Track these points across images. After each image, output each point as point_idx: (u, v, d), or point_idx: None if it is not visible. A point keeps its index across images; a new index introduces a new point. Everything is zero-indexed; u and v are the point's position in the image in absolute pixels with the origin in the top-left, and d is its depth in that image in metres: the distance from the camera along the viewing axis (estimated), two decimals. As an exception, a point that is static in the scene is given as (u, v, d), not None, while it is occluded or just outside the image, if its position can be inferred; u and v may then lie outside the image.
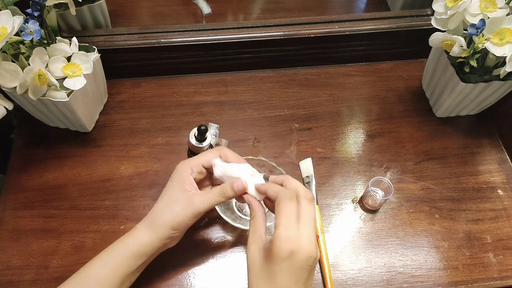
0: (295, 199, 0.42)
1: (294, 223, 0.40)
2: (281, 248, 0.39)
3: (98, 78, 0.66)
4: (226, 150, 0.50)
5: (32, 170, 0.65)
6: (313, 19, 0.74)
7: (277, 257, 0.39)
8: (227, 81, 0.77)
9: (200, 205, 0.47)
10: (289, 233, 0.39)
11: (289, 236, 0.39)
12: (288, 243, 0.39)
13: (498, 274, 0.58)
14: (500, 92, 0.65)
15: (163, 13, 0.85)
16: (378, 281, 0.57)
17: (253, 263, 0.41)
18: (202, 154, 0.50)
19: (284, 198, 0.42)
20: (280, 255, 0.39)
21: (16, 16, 0.50)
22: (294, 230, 0.40)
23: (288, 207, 0.41)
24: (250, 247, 0.43)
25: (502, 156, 0.69)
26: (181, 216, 0.47)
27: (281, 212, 0.41)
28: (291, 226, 0.40)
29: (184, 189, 0.48)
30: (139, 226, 0.49)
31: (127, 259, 0.47)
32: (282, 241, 0.39)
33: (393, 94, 0.76)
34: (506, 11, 0.56)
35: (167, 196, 0.49)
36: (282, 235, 0.39)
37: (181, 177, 0.48)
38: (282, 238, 0.39)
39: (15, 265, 0.56)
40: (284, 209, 0.41)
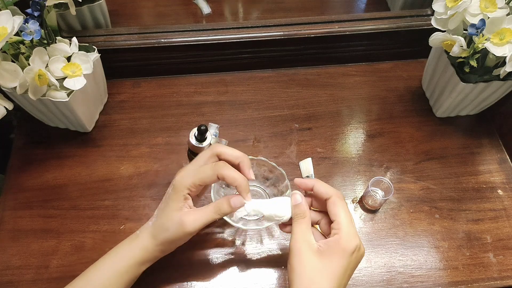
0: (344, 200, 0.46)
1: (351, 220, 0.44)
2: (351, 244, 0.42)
3: (98, 78, 0.66)
4: (220, 148, 0.49)
5: (32, 170, 0.65)
6: (313, 19, 0.74)
7: (348, 253, 0.42)
8: (227, 81, 0.77)
9: (192, 224, 0.46)
10: (353, 229, 0.44)
11: (354, 233, 0.44)
12: (355, 239, 0.43)
13: (498, 274, 0.58)
14: (500, 92, 0.65)
15: (163, 13, 0.85)
16: (378, 281, 0.57)
17: (307, 262, 0.43)
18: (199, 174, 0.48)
19: (339, 197, 0.46)
20: (350, 250, 0.42)
21: (16, 16, 0.50)
22: (354, 227, 0.44)
23: (345, 205, 0.45)
24: (298, 245, 0.44)
25: (502, 156, 0.69)
26: (176, 235, 0.47)
27: (341, 210, 0.44)
28: (351, 223, 0.44)
29: (178, 207, 0.47)
30: (143, 236, 0.49)
31: (132, 267, 0.48)
32: (351, 237, 0.43)
33: (393, 94, 0.76)
34: (506, 11, 0.56)
35: (164, 214, 0.48)
36: (350, 232, 0.43)
37: (177, 197, 0.47)
38: (351, 234, 0.43)
39: (15, 265, 0.56)
40: (343, 206, 0.45)
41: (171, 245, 0.49)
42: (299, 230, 0.45)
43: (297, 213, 0.47)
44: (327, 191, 0.46)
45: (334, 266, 0.42)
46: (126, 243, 0.50)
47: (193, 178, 0.47)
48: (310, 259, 0.43)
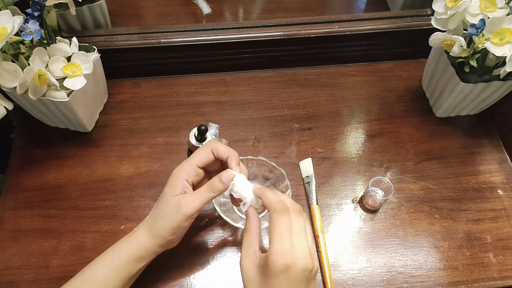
0: (288, 213, 0.42)
1: (287, 236, 0.40)
2: (277, 263, 0.39)
3: (98, 78, 0.66)
4: (217, 144, 0.49)
5: (32, 170, 0.65)
6: (313, 19, 0.74)
7: (273, 272, 0.39)
8: (227, 81, 0.77)
9: (189, 205, 0.46)
10: (283, 247, 0.40)
11: (284, 250, 0.39)
12: (283, 257, 0.39)
13: (498, 274, 0.58)
14: (500, 92, 0.65)
15: (163, 13, 0.85)
16: (378, 281, 0.57)
17: (249, 279, 0.41)
18: (195, 154, 0.49)
19: (276, 212, 0.42)
20: (276, 270, 0.39)
21: (16, 16, 0.50)
22: (288, 244, 0.40)
23: (281, 220, 0.41)
24: (243, 262, 0.42)
25: (502, 156, 0.69)
26: (174, 221, 0.47)
27: (275, 226, 0.41)
28: (285, 240, 0.40)
29: (174, 193, 0.47)
30: (139, 231, 0.49)
31: (128, 263, 0.48)
32: (278, 255, 0.39)
33: (393, 94, 0.76)
34: (506, 11, 0.56)
35: (161, 202, 0.48)
36: (277, 250, 0.39)
37: (173, 183, 0.48)
38: (278, 252, 0.39)
39: (15, 265, 0.56)
40: (277, 222, 0.41)
41: (169, 235, 0.47)
42: (245, 243, 0.44)
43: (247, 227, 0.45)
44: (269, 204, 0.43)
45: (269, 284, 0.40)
46: (123, 240, 0.49)
47: (190, 160, 0.48)
48: (252, 276, 0.41)
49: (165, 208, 0.47)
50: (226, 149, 0.49)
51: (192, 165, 0.48)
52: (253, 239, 0.43)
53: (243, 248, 0.43)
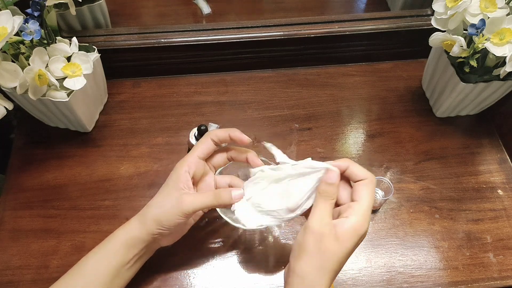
0: (373, 184, 0.44)
1: (371, 206, 0.43)
2: (363, 228, 0.41)
3: (98, 78, 0.66)
4: (213, 131, 0.49)
5: (32, 170, 0.65)
6: (313, 19, 0.74)
7: (359, 236, 0.41)
8: (227, 81, 0.77)
9: (190, 205, 0.46)
10: (369, 214, 0.42)
11: (369, 218, 0.42)
12: (367, 224, 0.42)
13: (498, 274, 0.58)
14: (500, 92, 0.65)
15: (163, 13, 0.85)
16: (378, 281, 0.57)
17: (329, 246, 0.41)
18: (195, 147, 0.49)
19: (373, 182, 0.43)
20: (361, 234, 0.41)
21: (16, 16, 0.50)
22: (370, 212, 0.43)
23: (373, 192, 0.44)
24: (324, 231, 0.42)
25: (502, 156, 0.69)
26: (169, 213, 0.46)
27: (368, 194, 0.43)
28: (370, 209, 0.42)
29: (177, 187, 0.47)
30: (132, 219, 0.49)
31: (117, 251, 0.47)
32: (366, 222, 0.42)
33: (393, 94, 0.76)
34: (506, 11, 0.56)
35: (161, 192, 0.48)
36: (367, 216, 0.42)
37: (177, 175, 0.48)
38: (367, 219, 0.42)
39: (15, 265, 0.56)
40: (371, 192, 0.43)
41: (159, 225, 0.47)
42: (324, 209, 0.43)
43: (328, 192, 0.44)
44: (363, 173, 0.44)
45: (347, 251, 0.41)
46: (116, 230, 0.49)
47: (191, 153, 0.49)
48: (329, 245, 0.41)
49: (164, 199, 0.47)
50: (224, 130, 0.49)
51: (193, 157, 0.48)
52: (332, 207, 0.43)
53: (320, 211, 0.43)
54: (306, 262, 0.42)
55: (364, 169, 0.44)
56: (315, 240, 0.42)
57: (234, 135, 0.48)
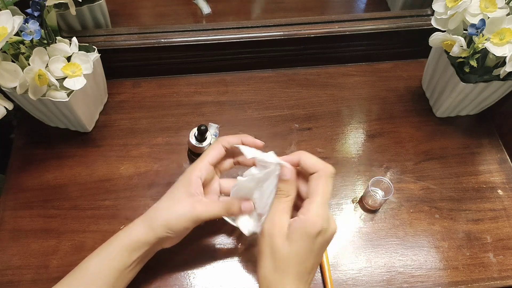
0: (330, 178, 0.43)
1: (325, 201, 0.42)
2: (315, 227, 0.40)
3: (98, 78, 0.66)
4: (226, 138, 0.50)
5: (32, 170, 0.65)
6: (313, 19, 0.74)
7: (311, 236, 0.40)
8: (227, 81, 0.77)
9: (203, 213, 0.47)
10: (321, 211, 0.41)
11: (321, 214, 0.41)
12: (321, 221, 0.41)
13: (498, 274, 0.58)
14: (500, 92, 0.65)
15: (163, 13, 0.85)
16: (378, 281, 0.57)
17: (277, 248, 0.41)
18: (206, 153, 0.50)
19: (326, 174, 0.42)
20: (313, 234, 0.40)
21: (16, 16, 0.50)
22: (324, 208, 0.42)
23: (327, 184, 0.42)
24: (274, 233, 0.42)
25: (502, 156, 0.69)
26: (181, 219, 0.47)
27: (320, 188, 0.42)
28: (324, 204, 0.42)
29: (190, 192, 0.47)
30: (137, 221, 0.49)
31: (120, 254, 0.47)
32: (318, 219, 0.41)
33: (393, 94, 0.76)
34: (506, 11, 0.56)
35: (172, 196, 0.48)
36: (319, 213, 0.41)
37: (188, 180, 0.48)
38: (318, 216, 0.41)
39: (15, 265, 0.56)
40: (324, 185, 0.42)
41: (170, 230, 0.47)
42: (276, 210, 0.43)
43: (281, 189, 0.44)
44: (314, 165, 0.43)
45: (299, 251, 0.41)
46: (119, 232, 0.49)
47: (202, 159, 0.49)
48: (279, 245, 0.41)
49: (175, 203, 0.47)
50: (236, 136, 0.49)
51: (205, 163, 0.48)
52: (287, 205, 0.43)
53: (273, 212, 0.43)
54: (262, 265, 0.43)
55: (318, 160, 0.44)
56: (266, 241, 0.42)
57: (246, 141, 0.49)
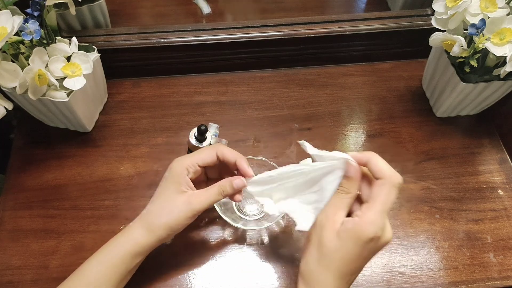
0: (396, 188, 0.41)
1: (386, 210, 0.41)
2: (368, 232, 0.39)
3: (98, 78, 0.66)
4: (222, 147, 0.49)
5: (32, 170, 0.65)
6: (313, 19, 0.74)
7: (362, 240, 0.39)
8: (227, 81, 0.77)
9: (199, 205, 0.47)
10: (378, 218, 0.40)
11: (377, 221, 0.40)
12: (375, 228, 0.40)
13: (499, 274, 0.58)
14: (501, 92, 0.65)
15: (163, 13, 0.85)
16: (378, 281, 0.57)
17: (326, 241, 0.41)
18: (198, 153, 0.49)
19: (391, 183, 0.41)
20: (365, 239, 0.39)
21: (16, 16, 0.50)
22: (381, 217, 0.40)
23: (391, 193, 0.41)
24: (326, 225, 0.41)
25: (502, 156, 0.69)
26: (180, 218, 0.47)
27: (382, 195, 0.41)
28: (382, 213, 0.40)
29: (180, 190, 0.47)
30: (136, 227, 0.49)
31: (124, 260, 0.47)
32: (372, 225, 0.40)
33: (393, 94, 0.76)
34: (506, 11, 0.56)
35: (164, 197, 0.48)
36: (374, 219, 0.40)
37: (177, 179, 0.48)
38: (373, 222, 0.40)
39: (14, 265, 0.56)
40: (387, 193, 0.41)
41: (171, 230, 0.47)
42: (333, 204, 0.43)
43: (343, 185, 0.43)
44: (381, 171, 0.41)
45: (346, 251, 0.40)
46: (118, 237, 0.49)
47: (192, 158, 0.48)
48: (327, 239, 0.41)
49: (170, 205, 0.47)
50: (234, 154, 0.48)
51: (193, 162, 0.48)
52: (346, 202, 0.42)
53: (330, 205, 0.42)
54: (308, 253, 0.42)
55: (387, 166, 0.42)
56: (317, 231, 0.42)
57: (240, 164, 0.48)
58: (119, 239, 0.49)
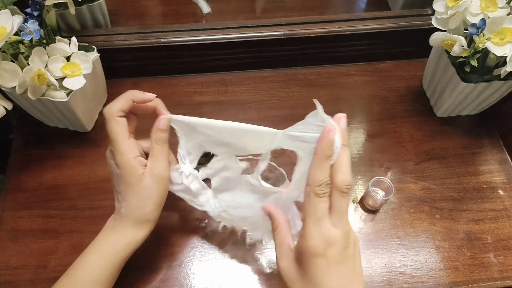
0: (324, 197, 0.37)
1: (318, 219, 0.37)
2: (311, 247, 0.36)
3: (97, 78, 0.66)
4: (134, 91, 0.47)
5: (31, 170, 0.65)
6: (314, 18, 0.74)
7: (314, 255, 0.37)
8: (227, 81, 0.77)
9: (162, 169, 0.46)
10: (314, 230, 0.37)
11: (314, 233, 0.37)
12: (316, 240, 0.36)
13: (499, 275, 0.58)
14: (501, 92, 0.65)
15: (163, 12, 0.85)
16: (379, 282, 0.57)
17: (291, 278, 0.39)
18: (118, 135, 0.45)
19: (309, 194, 0.38)
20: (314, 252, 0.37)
21: (16, 16, 0.50)
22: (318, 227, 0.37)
23: (312, 200, 0.38)
24: (281, 263, 0.40)
25: (502, 156, 0.69)
26: (161, 193, 0.47)
27: (309, 208, 0.38)
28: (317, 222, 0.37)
29: (139, 173, 0.46)
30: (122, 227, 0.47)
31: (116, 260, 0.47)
32: (312, 238, 0.37)
33: (394, 94, 0.76)
34: (506, 10, 0.56)
35: (132, 190, 0.46)
36: (311, 233, 0.37)
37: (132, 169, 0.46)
38: (311, 235, 0.37)
39: (13, 265, 0.56)
40: (309, 202, 0.38)
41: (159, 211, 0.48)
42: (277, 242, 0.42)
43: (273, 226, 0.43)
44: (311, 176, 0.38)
45: (310, 273, 0.38)
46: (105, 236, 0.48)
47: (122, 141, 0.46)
48: (293, 274, 0.40)
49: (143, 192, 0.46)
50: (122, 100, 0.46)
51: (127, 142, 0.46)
52: (284, 235, 0.41)
53: (276, 249, 0.41)
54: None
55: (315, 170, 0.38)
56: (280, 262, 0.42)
57: (136, 98, 0.46)
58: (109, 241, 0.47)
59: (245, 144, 0.46)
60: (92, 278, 0.46)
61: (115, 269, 0.47)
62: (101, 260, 0.47)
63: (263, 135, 0.44)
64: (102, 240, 0.48)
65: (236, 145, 0.47)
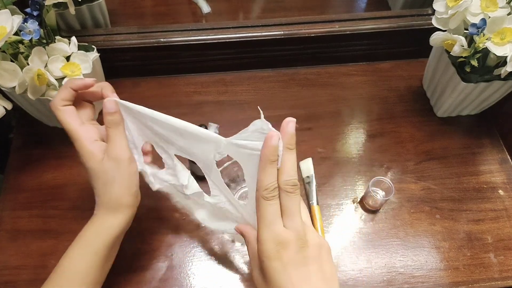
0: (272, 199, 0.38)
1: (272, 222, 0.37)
2: (262, 251, 0.37)
3: (97, 78, 0.66)
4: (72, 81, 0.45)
5: (31, 170, 0.64)
6: (314, 18, 0.74)
7: (267, 258, 0.37)
8: (227, 80, 0.76)
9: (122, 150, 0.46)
10: (265, 234, 0.37)
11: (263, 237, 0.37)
12: (266, 244, 0.37)
13: (499, 275, 0.58)
14: (501, 92, 0.65)
15: (163, 12, 0.85)
16: (379, 282, 0.57)
17: (259, 286, 0.40)
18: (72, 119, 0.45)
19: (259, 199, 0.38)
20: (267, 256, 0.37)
21: (15, 16, 0.50)
22: (267, 230, 0.37)
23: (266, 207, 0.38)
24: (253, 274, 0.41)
25: (503, 156, 0.69)
26: (132, 175, 0.46)
27: (259, 212, 0.38)
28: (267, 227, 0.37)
29: (99, 158, 0.45)
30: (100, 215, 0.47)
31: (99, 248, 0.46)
32: (262, 243, 0.37)
33: (394, 94, 0.76)
34: (507, 10, 0.56)
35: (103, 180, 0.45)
36: (261, 237, 0.37)
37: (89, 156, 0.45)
38: (261, 240, 0.37)
39: (13, 265, 0.56)
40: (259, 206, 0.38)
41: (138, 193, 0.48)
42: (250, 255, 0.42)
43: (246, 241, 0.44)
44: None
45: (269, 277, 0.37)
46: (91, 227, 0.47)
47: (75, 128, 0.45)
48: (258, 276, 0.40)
49: (105, 176, 0.45)
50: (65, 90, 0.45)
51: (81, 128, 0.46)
52: (254, 248, 0.41)
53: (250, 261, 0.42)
54: None
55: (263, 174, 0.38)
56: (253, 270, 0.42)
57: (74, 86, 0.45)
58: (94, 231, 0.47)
59: (190, 145, 0.46)
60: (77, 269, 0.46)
61: (100, 258, 0.46)
62: (83, 251, 0.46)
63: (208, 140, 0.44)
64: (83, 232, 0.48)
65: (181, 146, 0.47)
